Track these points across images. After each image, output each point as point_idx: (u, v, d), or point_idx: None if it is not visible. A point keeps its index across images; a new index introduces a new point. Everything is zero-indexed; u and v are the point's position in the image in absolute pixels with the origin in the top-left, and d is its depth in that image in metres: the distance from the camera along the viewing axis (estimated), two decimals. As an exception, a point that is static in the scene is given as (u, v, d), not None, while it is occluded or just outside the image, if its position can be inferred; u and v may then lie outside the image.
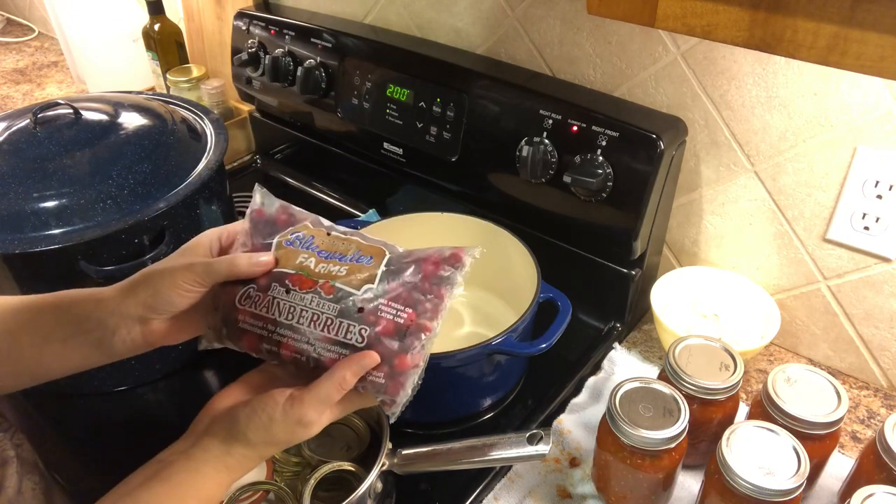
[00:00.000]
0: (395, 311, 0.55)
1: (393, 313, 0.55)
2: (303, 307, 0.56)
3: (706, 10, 0.47)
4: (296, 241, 0.59)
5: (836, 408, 0.65)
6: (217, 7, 1.32)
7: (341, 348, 0.55)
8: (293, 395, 0.53)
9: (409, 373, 0.55)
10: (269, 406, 0.53)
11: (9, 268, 0.75)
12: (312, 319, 0.55)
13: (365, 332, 0.54)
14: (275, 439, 0.53)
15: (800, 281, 0.86)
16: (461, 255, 0.58)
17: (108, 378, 0.84)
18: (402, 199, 1.12)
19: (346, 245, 0.59)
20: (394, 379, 0.54)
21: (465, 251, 0.59)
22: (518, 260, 0.83)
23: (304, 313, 0.56)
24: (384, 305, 0.55)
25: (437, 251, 0.59)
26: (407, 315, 0.55)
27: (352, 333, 0.55)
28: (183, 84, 1.29)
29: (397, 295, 0.56)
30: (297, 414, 0.52)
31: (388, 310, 0.55)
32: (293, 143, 1.26)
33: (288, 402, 0.52)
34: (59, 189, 0.74)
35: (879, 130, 0.73)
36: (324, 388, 0.53)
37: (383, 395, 0.55)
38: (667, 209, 0.89)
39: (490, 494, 0.73)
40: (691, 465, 0.73)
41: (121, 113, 0.85)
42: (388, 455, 0.66)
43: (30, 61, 1.84)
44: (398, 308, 0.55)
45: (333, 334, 0.55)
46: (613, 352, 0.89)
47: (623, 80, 0.89)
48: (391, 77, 1.00)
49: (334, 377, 0.53)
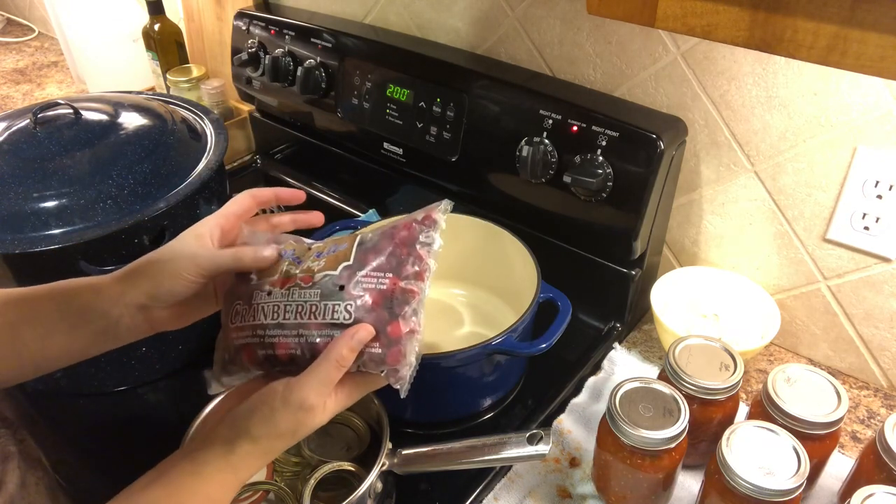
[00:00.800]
0: (376, 279, 0.54)
1: (374, 283, 0.54)
2: (286, 303, 0.55)
3: (706, 10, 0.47)
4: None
5: (836, 408, 0.65)
6: (217, 7, 1.32)
7: (332, 330, 0.54)
8: (290, 381, 0.52)
9: (405, 339, 0.54)
10: (268, 397, 0.51)
11: (9, 268, 0.75)
12: (297, 311, 0.55)
13: (351, 308, 0.53)
14: (279, 430, 0.52)
15: (800, 281, 0.86)
16: (432, 215, 0.57)
17: (108, 378, 0.84)
18: (402, 199, 1.12)
19: (323, 247, 0.59)
20: (391, 347, 0.53)
21: (435, 209, 0.58)
22: (518, 260, 0.83)
23: (287, 308, 0.55)
24: (364, 278, 0.54)
25: (407, 217, 0.58)
26: (389, 280, 0.54)
27: (338, 312, 0.53)
28: (183, 84, 1.29)
29: (375, 265, 0.55)
30: (298, 398, 0.51)
31: (368, 281, 0.54)
32: (293, 143, 1.26)
33: (286, 388, 0.51)
34: (59, 189, 0.74)
35: (879, 130, 0.73)
36: (322, 369, 0.51)
37: (384, 366, 0.54)
38: (667, 209, 0.89)
39: (490, 494, 0.73)
40: (691, 465, 0.73)
41: (121, 113, 0.85)
42: (388, 455, 0.66)
43: (30, 61, 1.84)
44: (378, 276, 0.54)
45: (321, 318, 0.54)
46: (613, 352, 0.89)
47: (623, 80, 0.89)
48: (391, 77, 1.00)
49: (330, 355, 0.51)
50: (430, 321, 0.92)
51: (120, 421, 0.83)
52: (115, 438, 0.81)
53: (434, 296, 0.95)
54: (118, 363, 0.83)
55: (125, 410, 0.84)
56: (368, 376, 0.55)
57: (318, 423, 0.53)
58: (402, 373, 0.54)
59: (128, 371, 0.85)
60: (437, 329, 0.90)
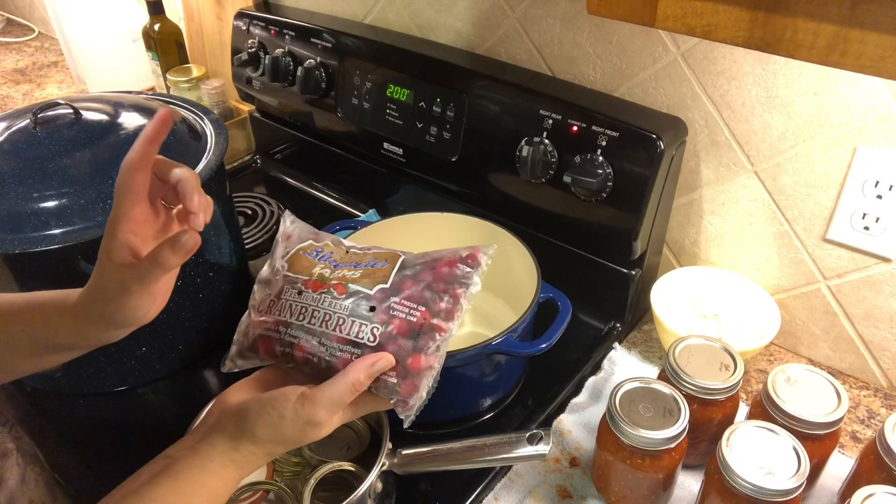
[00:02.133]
0: (408, 309, 0.55)
1: (405, 312, 0.54)
2: (314, 308, 0.55)
3: (706, 10, 0.47)
4: (314, 253, 0.60)
5: (836, 408, 0.65)
6: (217, 7, 1.32)
7: (353, 348, 0.54)
8: (305, 393, 0.52)
9: (423, 374, 0.54)
10: (279, 403, 0.52)
11: (9, 268, 0.75)
12: (324, 319, 0.55)
13: (377, 331, 0.54)
14: (284, 438, 0.52)
15: (800, 281, 0.86)
16: (477, 255, 0.58)
17: (108, 378, 0.84)
18: (402, 199, 1.12)
19: (362, 256, 0.59)
20: (407, 379, 0.54)
21: (481, 251, 0.58)
22: (518, 260, 0.83)
23: (315, 314, 0.55)
24: (396, 304, 0.55)
25: (452, 252, 0.58)
26: (420, 314, 0.54)
27: (364, 333, 0.54)
28: (183, 84, 1.29)
29: (410, 294, 0.55)
30: (308, 413, 0.51)
31: (400, 309, 0.55)
32: (293, 143, 1.26)
33: (299, 400, 0.52)
34: (59, 189, 0.74)
35: (879, 130, 0.73)
36: (337, 389, 0.52)
37: (396, 396, 0.54)
38: (667, 209, 0.89)
39: (490, 494, 0.73)
40: (691, 465, 0.73)
41: (121, 113, 0.85)
42: (388, 455, 0.66)
43: (30, 61, 1.84)
44: (411, 307, 0.55)
45: (345, 334, 0.54)
46: (613, 352, 0.89)
47: (623, 80, 0.89)
48: (391, 77, 1.00)
49: (348, 378, 0.52)
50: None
51: (119, 421, 0.83)
52: (115, 438, 0.81)
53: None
54: (118, 363, 0.83)
55: (125, 410, 0.84)
56: (377, 398, 0.56)
57: (321, 435, 0.53)
58: (411, 403, 0.55)
59: (128, 371, 0.85)
60: (437, 329, 0.90)
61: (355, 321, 0.54)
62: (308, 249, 0.61)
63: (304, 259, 0.60)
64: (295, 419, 0.51)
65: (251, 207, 1.17)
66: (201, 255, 0.82)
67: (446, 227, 0.90)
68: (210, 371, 0.89)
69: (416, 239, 0.90)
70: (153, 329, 0.83)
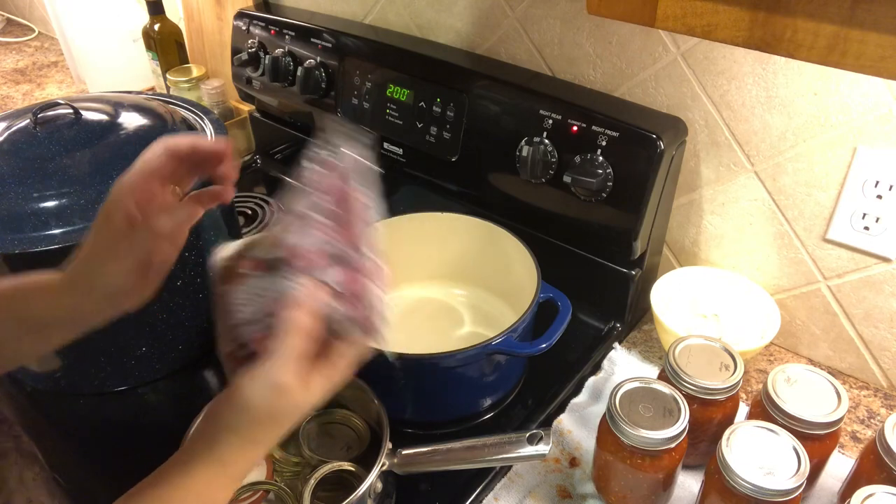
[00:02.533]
0: (321, 242, 0.51)
1: (320, 242, 0.51)
2: (247, 297, 0.52)
3: (706, 10, 0.47)
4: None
5: (836, 408, 0.65)
6: (217, 7, 1.32)
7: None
8: (256, 365, 0.49)
9: (363, 288, 0.51)
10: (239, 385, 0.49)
11: (9, 268, 0.75)
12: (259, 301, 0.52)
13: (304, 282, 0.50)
14: (256, 416, 0.49)
15: (800, 281, 0.86)
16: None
17: (108, 378, 0.84)
18: (402, 199, 1.12)
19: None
20: (353, 301, 0.51)
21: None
22: (518, 260, 0.83)
23: (249, 300, 0.52)
24: (306, 252, 0.51)
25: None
26: (336, 236, 0.51)
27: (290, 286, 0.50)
28: (183, 84, 1.29)
29: (314, 235, 0.51)
30: (264, 379, 0.48)
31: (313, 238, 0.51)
32: (293, 143, 1.26)
33: (252, 372, 0.49)
34: (59, 189, 0.74)
35: (879, 130, 0.73)
36: (282, 343, 0.48)
37: (355, 325, 0.51)
38: (667, 209, 0.89)
39: (490, 494, 0.73)
40: (691, 465, 0.73)
41: (121, 113, 0.85)
42: (388, 455, 0.66)
43: (30, 61, 1.84)
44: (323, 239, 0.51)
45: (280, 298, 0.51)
46: (613, 352, 0.89)
47: (623, 80, 0.89)
48: (391, 77, 1.00)
49: (287, 325, 0.49)
50: (430, 321, 0.93)
51: (119, 421, 0.83)
52: (115, 438, 0.81)
53: (434, 296, 0.95)
54: (118, 363, 0.83)
55: (125, 410, 0.84)
56: (349, 342, 0.52)
57: (301, 402, 0.49)
58: (373, 324, 0.51)
59: (127, 371, 0.85)
60: (437, 329, 0.90)
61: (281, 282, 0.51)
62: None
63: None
64: (255, 391, 0.48)
65: (251, 207, 1.17)
66: (201, 254, 0.82)
67: (446, 227, 0.90)
68: (210, 371, 0.89)
69: (416, 239, 0.91)
70: (153, 329, 0.83)
